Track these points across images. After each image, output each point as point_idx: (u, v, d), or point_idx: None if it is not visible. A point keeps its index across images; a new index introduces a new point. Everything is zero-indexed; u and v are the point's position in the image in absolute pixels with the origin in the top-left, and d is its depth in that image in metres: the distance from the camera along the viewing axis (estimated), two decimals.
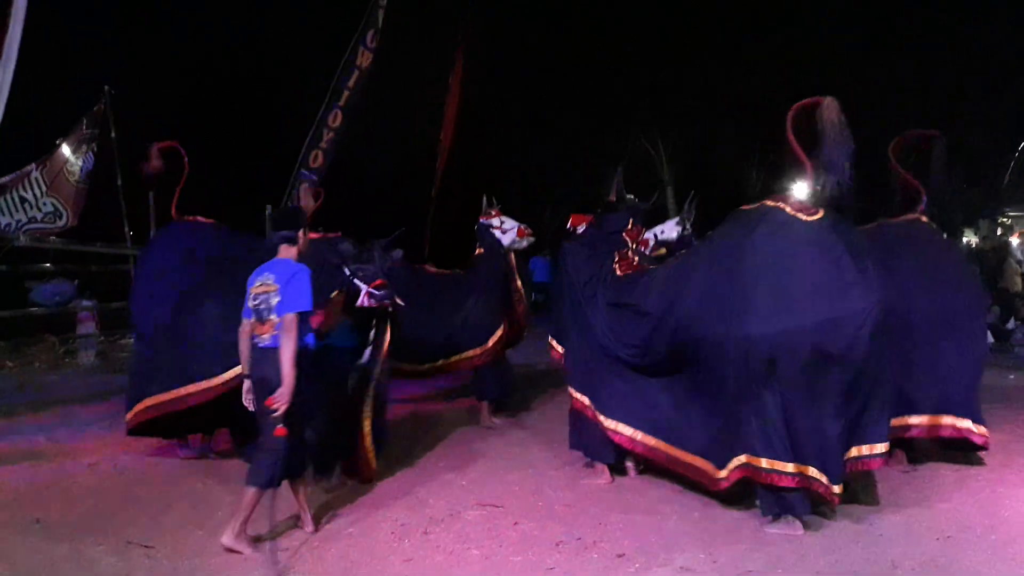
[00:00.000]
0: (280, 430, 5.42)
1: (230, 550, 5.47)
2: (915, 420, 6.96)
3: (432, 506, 6.39)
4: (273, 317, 5.51)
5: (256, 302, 5.61)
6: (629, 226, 7.45)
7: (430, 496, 6.63)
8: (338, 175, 16.44)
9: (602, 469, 6.98)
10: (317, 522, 5.96)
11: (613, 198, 7.94)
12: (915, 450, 7.26)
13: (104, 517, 6.14)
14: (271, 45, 21.00)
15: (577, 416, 7.14)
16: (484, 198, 9.47)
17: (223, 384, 7.12)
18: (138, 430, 7.68)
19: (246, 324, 5.70)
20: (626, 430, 6.67)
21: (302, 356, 5.49)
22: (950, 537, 5.52)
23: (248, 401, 5.73)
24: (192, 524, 6.00)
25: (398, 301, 6.74)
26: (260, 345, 5.61)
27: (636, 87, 24.87)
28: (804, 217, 5.78)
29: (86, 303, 14.57)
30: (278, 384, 5.38)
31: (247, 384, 5.74)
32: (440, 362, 9.21)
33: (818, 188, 5.81)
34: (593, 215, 8.20)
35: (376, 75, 16.46)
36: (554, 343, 7.86)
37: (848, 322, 5.53)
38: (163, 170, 8.49)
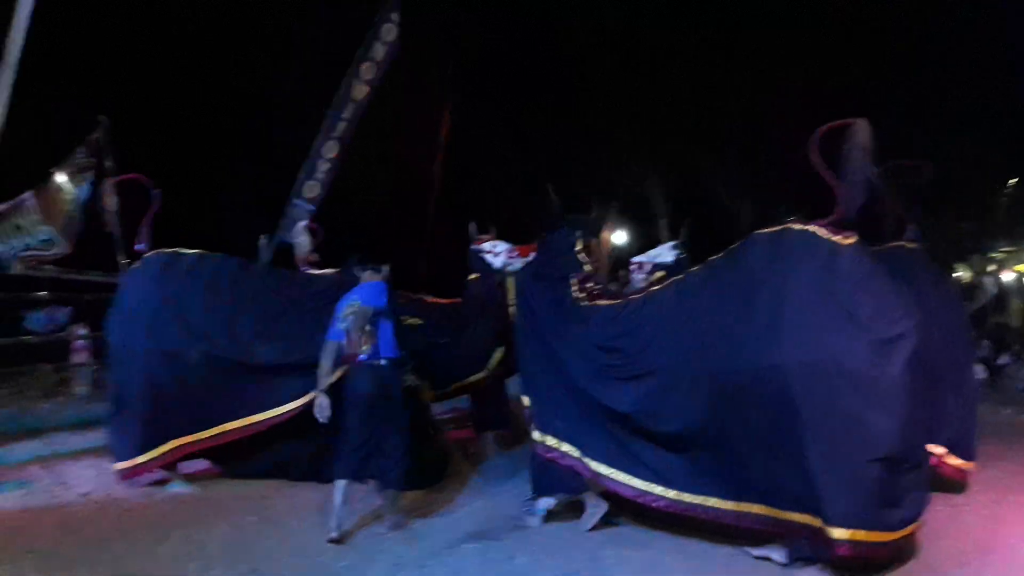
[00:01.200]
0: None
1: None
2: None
3: (429, 539, 6.38)
4: (368, 329, 6.31)
5: (346, 324, 6.34)
6: (577, 244, 7.18)
7: (427, 529, 6.62)
8: (334, 206, 16.47)
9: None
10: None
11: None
12: None
13: (98, 548, 6.11)
14: (268, 76, 21.08)
15: (545, 464, 6.66)
16: (472, 225, 9.43)
17: (284, 415, 7.42)
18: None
19: (331, 345, 6.39)
20: (633, 481, 6.21)
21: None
22: (947, 573, 5.52)
23: (323, 416, 6.37)
24: (185, 556, 5.98)
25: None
26: (362, 358, 6.38)
27: (630, 119, 25.02)
28: (840, 240, 5.55)
29: (80, 331, 14.52)
30: (387, 390, 6.40)
31: (318, 400, 6.39)
32: (450, 388, 9.15)
33: (844, 211, 5.66)
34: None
35: (372, 107, 16.54)
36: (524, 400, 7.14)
37: (899, 345, 5.34)
38: (117, 204, 8.61)
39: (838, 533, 5.18)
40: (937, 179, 8.02)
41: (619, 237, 27.19)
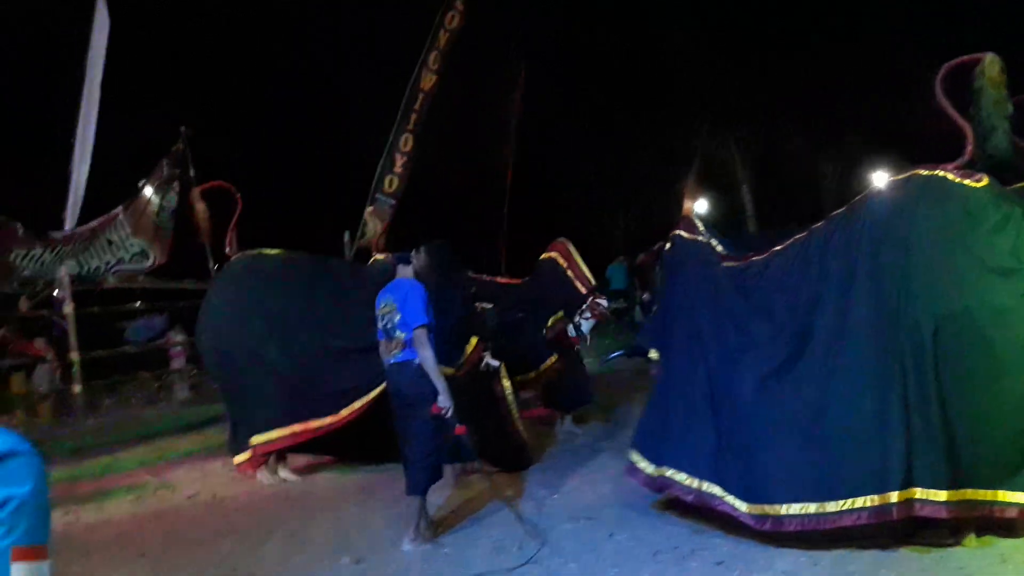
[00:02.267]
0: (460, 429, 5.92)
1: None
2: None
3: (526, 521, 6.40)
4: (399, 334, 5.93)
5: (384, 323, 6.07)
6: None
7: (523, 511, 6.64)
8: (413, 197, 16.61)
9: None
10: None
11: None
12: None
13: (206, 549, 6.26)
14: (339, 74, 21.29)
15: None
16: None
17: (360, 409, 7.45)
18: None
19: (382, 344, 6.16)
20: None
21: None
22: None
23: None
24: (292, 551, 6.09)
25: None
26: (391, 361, 6.04)
27: (704, 86, 24.67)
28: (971, 183, 5.10)
29: (177, 338, 14.89)
30: (413, 396, 5.89)
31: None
32: (532, 374, 9.14)
33: (979, 153, 5.26)
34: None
35: (442, 96, 16.61)
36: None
37: None
38: (207, 211, 8.79)
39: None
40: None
41: (701, 206, 26.93)
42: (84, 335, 12.57)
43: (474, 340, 7.21)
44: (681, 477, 5.89)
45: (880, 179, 5.59)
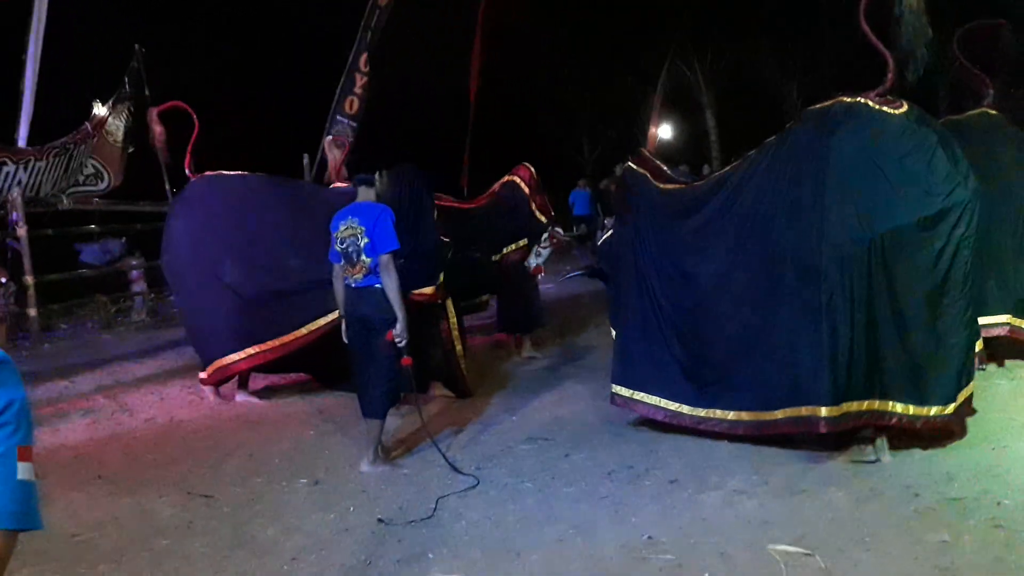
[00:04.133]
0: (406, 360, 5.86)
1: None
2: (995, 319, 6.88)
3: (483, 442, 6.45)
4: (364, 258, 5.77)
5: (344, 245, 5.86)
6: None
7: (480, 433, 6.69)
8: (374, 117, 16.38)
9: None
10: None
11: None
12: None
13: (164, 470, 6.25)
14: None
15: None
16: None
17: (318, 330, 7.41)
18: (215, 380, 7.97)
19: (336, 268, 6.00)
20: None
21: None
22: (1005, 447, 5.46)
23: (347, 338, 6.08)
24: (250, 472, 6.09)
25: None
26: (354, 285, 5.90)
27: (669, 6, 24.44)
28: (889, 110, 5.30)
29: (135, 262, 14.70)
30: (377, 321, 5.80)
31: (344, 323, 6.06)
32: (476, 300, 9.18)
33: (897, 79, 5.36)
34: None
35: (400, 11, 16.27)
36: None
37: (948, 217, 5.09)
38: (164, 134, 8.66)
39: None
40: (1020, 40, 7.65)
41: (664, 131, 26.91)
42: (38, 258, 12.39)
43: (440, 278, 7.12)
44: (648, 398, 6.23)
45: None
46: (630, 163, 6.93)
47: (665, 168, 6.80)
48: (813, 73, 24.84)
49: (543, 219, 9.09)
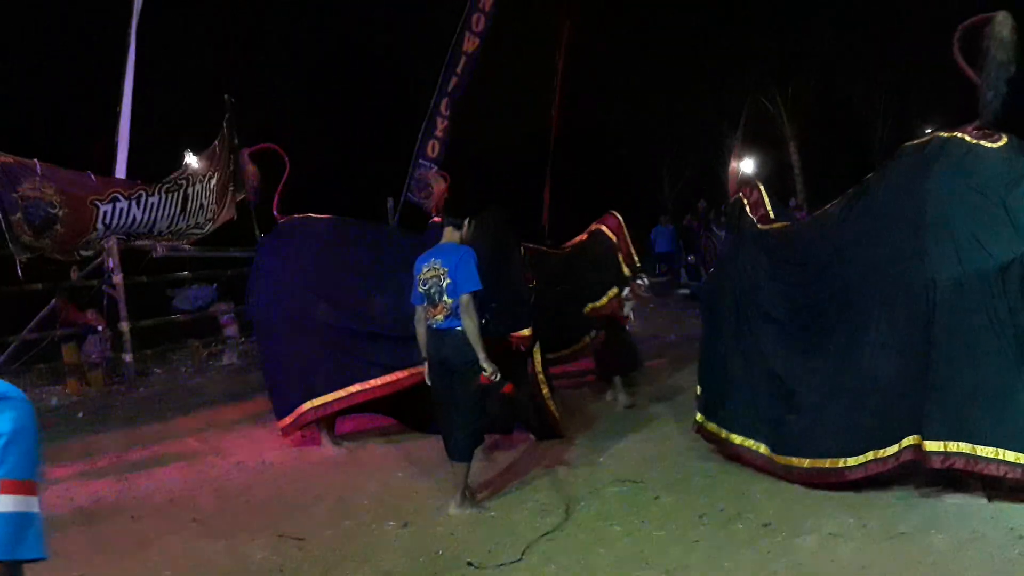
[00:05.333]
0: (508, 387, 5.95)
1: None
2: None
3: (571, 484, 6.39)
4: (446, 299, 5.78)
5: (427, 287, 5.90)
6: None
7: (568, 475, 6.64)
8: (454, 161, 16.56)
9: None
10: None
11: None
12: None
13: (255, 513, 6.33)
14: (380, 40, 21.26)
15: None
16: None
17: (410, 376, 7.35)
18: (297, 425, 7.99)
19: (419, 310, 6.03)
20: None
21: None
22: None
23: (430, 381, 6.10)
24: (339, 515, 6.13)
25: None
26: (435, 327, 5.92)
27: (750, 43, 24.32)
28: (987, 144, 5.19)
29: (225, 306, 14.98)
30: (458, 363, 5.81)
31: (427, 366, 6.09)
32: (567, 351, 9.09)
33: (986, 112, 5.23)
34: None
35: (484, 59, 16.49)
36: None
37: None
38: (258, 174, 8.76)
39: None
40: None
41: (747, 165, 26.65)
42: (133, 304, 12.71)
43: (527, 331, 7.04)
44: (736, 438, 6.21)
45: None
46: (740, 195, 6.82)
47: (767, 203, 6.65)
48: (899, 104, 24.47)
49: (626, 271, 8.98)
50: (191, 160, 14.50)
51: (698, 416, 6.57)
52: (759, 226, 6.47)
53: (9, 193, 11.18)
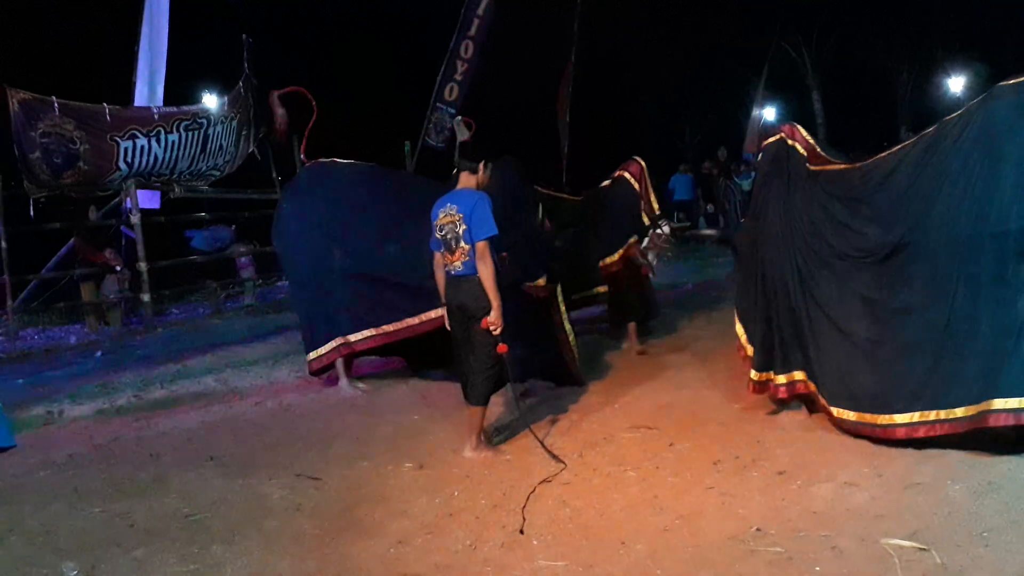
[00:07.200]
0: (502, 347, 5.84)
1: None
2: None
3: (585, 430, 6.41)
4: (463, 245, 5.77)
5: (443, 233, 5.88)
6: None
7: (583, 420, 6.65)
8: (473, 106, 16.43)
9: None
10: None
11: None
12: None
13: (273, 452, 6.37)
14: None
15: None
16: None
17: (429, 322, 7.36)
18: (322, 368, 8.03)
19: (437, 256, 6.01)
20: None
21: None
22: None
23: (449, 326, 6.13)
24: (356, 456, 6.16)
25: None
26: (453, 273, 5.91)
27: None
28: None
29: (243, 248, 15.01)
30: (476, 309, 5.78)
31: (445, 311, 6.12)
32: (594, 290, 9.08)
33: None
34: None
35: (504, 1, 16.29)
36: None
37: None
38: (286, 116, 8.68)
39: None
40: None
41: (769, 113, 26.41)
42: (150, 244, 12.76)
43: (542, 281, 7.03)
44: (780, 378, 6.18)
45: (957, 86, 5.32)
46: (783, 135, 6.39)
47: (817, 147, 6.32)
48: (922, 52, 24.14)
49: (646, 220, 8.91)
50: (211, 100, 14.45)
51: (753, 374, 6.30)
52: (810, 166, 6.15)
53: (28, 132, 11.20)
